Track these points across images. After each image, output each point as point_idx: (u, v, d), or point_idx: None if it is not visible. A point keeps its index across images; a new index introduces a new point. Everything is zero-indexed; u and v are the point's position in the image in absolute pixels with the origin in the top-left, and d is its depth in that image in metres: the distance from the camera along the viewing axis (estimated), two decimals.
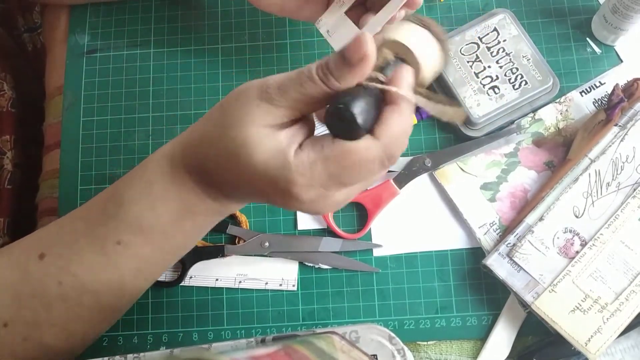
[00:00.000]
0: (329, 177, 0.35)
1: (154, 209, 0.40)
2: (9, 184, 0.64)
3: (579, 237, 0.51)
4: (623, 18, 0.55)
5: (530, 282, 0.50)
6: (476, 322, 0.53)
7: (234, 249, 0.55)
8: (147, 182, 0.41)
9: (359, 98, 0.34)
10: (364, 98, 0.34)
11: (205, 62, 0.61)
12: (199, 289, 0.55)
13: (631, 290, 0.49)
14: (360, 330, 0.40)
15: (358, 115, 0.33)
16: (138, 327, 0.54)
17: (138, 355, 0.39)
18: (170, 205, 0.40)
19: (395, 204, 0.55)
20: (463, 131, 0.56)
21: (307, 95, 0.35)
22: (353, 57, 0.34)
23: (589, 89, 0.57)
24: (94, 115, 0.60)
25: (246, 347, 0.38)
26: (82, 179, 0.58)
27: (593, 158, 0.52)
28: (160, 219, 0.41)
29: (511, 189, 0.55)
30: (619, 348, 0.51)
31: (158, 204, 0.40)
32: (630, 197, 0.51)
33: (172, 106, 0.60)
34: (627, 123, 0.52)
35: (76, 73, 0.61)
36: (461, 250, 0.55)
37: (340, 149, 0.34)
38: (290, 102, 0.35)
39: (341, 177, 0.35)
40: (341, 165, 0.35)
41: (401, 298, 0.54)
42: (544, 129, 0.56)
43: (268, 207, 0.57)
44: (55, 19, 0.64)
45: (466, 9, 0.61)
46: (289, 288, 0.55)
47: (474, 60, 0.56)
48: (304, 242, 0.55)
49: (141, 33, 0.62)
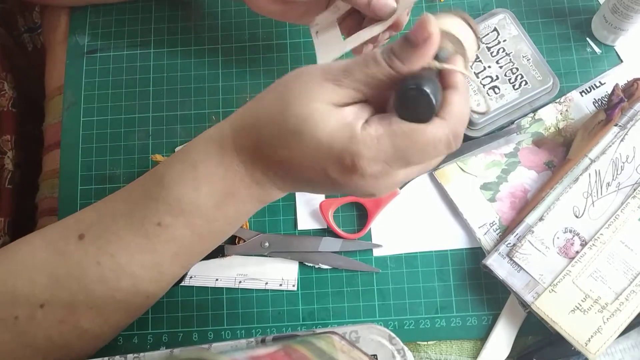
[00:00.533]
0: (395, 152, 0.35)
1: (197, 190, 0.40)
2: (9, 183, 0.64)
3: (579, 237, 0.51)
4: (623, 18, 0.55)
5: (530, 282, 0.50)
6: (476, 322, 0.53)
7: (234, 249, 0.55)
8: (192, 163, 0.40)
9: (429, 79, 0.34)
10: (432, 79, 0.34)
11: (205, 62, 0.61)
12: (199, 289, 0.55)
13: (631, 291, 0.49)
14: (360, 331, 0.40)
15: (432, 95, 0.33)
16: (138, 327, 0.54)
17: (138, 356, 0.39)
18: (214, 187, 0.40)
19: (395, 204, 0.55)
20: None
21: (372, 77, 0.35)
22: (418, 38, 0.34)
23: (589, 89, 0.57)
24: (94, 115, 0.60)
25: (246, 347, 0.38)
26: (82, 179, 0.58)
27: (593, 158, 0.52)
28: (202, 201, 0.40)
29: (511, 189, 0.55)
30: (619, 348, 0.51)
31: (201, 185, 0.40)
32: (630, 197, 0.51)
33: (172, 106, 0.60)
34: (627, 123, 0.52)
35: (76, 73, 0.61)
36: (461, 250, 0.55)
37: (409, 127, 0.35)
38: (354, 84, 0.35)
39: (407, 154, 0.35)
40: (410, 142, 0.35)
41: (401, 298, 0.54)
42: (544, 129, 0.56)
43: (268, 207, 0.57)
44: (55, 19, 0.64)
45: (466, 9, 0.61)
46: (289, 288, 0.55)
47: (474, 60, 0.56)
48: (304, 242, 0.55)
49: (141, 33, 0.62)
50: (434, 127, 0.35)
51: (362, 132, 0.35)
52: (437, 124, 0.35)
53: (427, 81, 0.34)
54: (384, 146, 0.35)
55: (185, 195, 0.40)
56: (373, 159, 0.35)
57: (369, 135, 0.35)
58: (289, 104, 0.36)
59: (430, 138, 0.35)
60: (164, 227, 0.41)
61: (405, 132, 0.35)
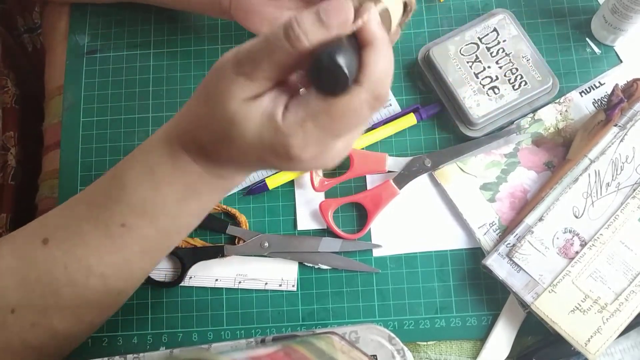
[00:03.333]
0: (322, 132, 0.35)
1: (158, 191, 0.40)
2: (12, 179, 0.64)
3: (579, 238, 0.51)
4: (622, 18, 0.55)
5: (529, 282, 0.50)
6: (476, 323, 0.53)
7: (233, 249, 0.55)
8: (149, 165, 0.40)
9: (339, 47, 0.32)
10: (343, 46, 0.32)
11: (205, 63, 0.61)
12: (199, 289, 0.55)
13: (631, 291, 0.49)
14: (360, 331, 0.40)
15: (344, 66, 0.32)
16: (138, 328, 0.54)
17: (138, 356, 0.39)
18: (174, 187, 0.40)
19: (394, 204, 0.56)
20: (463, 131, 0.56)
21: (280, 63, 0.34)
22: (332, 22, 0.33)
23: (589, 89, 0.57)
24: (93, 115, 0.60)
25: (246, 348, 0.38)
26: (82, 179, 0.58)
27: (593, 158, 0.52)
28: (165, 200, 0.40)
29: (511, 189, 0.55)
30: (619, 348, 0.51)
31: (162, 186, 0.40)
32: (630, 198, 0.51)
33: (171, 107, 0.60)
34: (626, 123, 0.52)
35: (76, 73, 0.61)
36: (461, 251, 0.55)
37: (326, 102, 0.34)
38: (264, 74, 0.34)
39: (334, 129, 0.35)
40: (331, 118, 0.34)
41: (401, 298, 0.54)
42: (544, 129, 0.56)
43: (268, 207, 0.57)
44: (55, 19, 0.64)
45: (466, 9, 0.61)
46: (289, 288, 0.55)
47: (474, 61, 0.56)
48: (303, 243, 0.55)
49: (141, 34, 0.62)
50: (351, 97, 0.33)
51: (284, 122, 0.34)
52: (355, 91, 0.33)
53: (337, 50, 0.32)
54: (309, 129, 0.34)
55: (146, 196, 0.40)
56: (303, 145, 0.35)
57: (292, 124, 0.34)
58: (212, 108, 0.36)
59: (351, 107, 0.34)
60: (129, 228, 0.41)
61: (325, 109, 0.34)
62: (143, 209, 0.41)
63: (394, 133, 0.57)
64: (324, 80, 0.33)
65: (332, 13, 0.33)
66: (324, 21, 0.33)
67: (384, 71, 0.34)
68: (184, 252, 0.55)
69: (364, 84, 0.33)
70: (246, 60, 0.34)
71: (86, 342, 0.54)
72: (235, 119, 0.35)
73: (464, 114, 0.55)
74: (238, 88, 0.35)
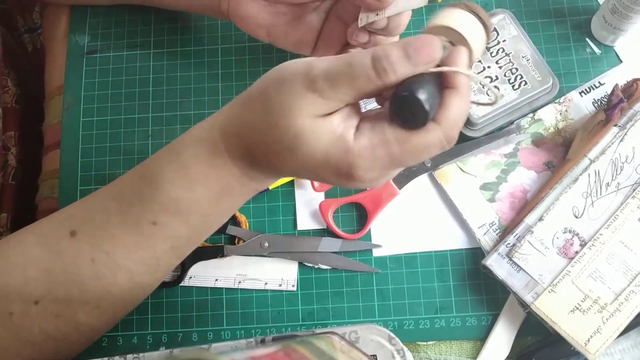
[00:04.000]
0: (390, 159, 0.35)
1: (192, 190, 0.40)
2: (12, 179, 0.64)
3: (579, 238, 0.51)
4: (622, 18, 0.55)
5: (529, 282, 0.50)
6: (476, 323, 0.53)
7: (233, 249, 0.55)
8: (184, 164, 0.40)
9: (424, 85, 0.33)
10: (428, 84, 0.33)
11: (205, 63, 0.61)
12: (199, 289, 0.55)
13: (630, 291, 0.49)
14: (359, 331, 0.40)
15: (425, 103, 0.33)
16: (137, 328, 0.54)
17: (137, 356, 0.39)
18: (209, 187, 0.40)
19: (394, 204, 0.56)
20: (462, 131, 0.56)
21: (360, 90, 0.34)
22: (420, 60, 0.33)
23: (589, 89, 0.57)
24: (93, 115, 0.60)
25: (246, 348, 0.38)
26: (82, 179, 0.58)
27: (592, 158, 0.52)
28: (198, 200, 0.40)
29: (511, 189, 0.55)
30: (619, 348, 0.51)
31: (196, 186, 0.40)
32: (629, 198, 0.51)
33: (171, 107, 0.60)
34: (626, 123, 0.52)
35: (76, 73, 0.61)
36: (461, 251, 0.55)
37: (402, 135, 0.35)
38: (340, 96, 0.35)
39: (402, 159, 0.36)
40: (403, 149, 0.35)
41: (401, 298, 0.54)
42: (544, 129, 0.56)
43: (268, 207, 0.57)
44: (55, 19, 0.64)
45: None
46: (289, 288, 0.55)
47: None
48: (303, 243, 0.55)
49: (141, 34, 0.62)
50: (428, 134, 0.34)
51: (356, 144, 0.35)
52: (430, 129, 0.34)
53: (422, 87, 0.33)
54: (379, 155, 0.35)
55: (180, 195, 0.40)
56: (369, 168, 0.36)
57: (364, 147, 0.35)
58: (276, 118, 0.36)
59: (423, 144, 0.35)
60: (160, 226, 0.41)
61: (399, 140, 0.35)
62: (176, 208, 0.40)
63: None
64: (405, 113, 0.34)
65: (421, 51, 0.33)
66: (412, 57, 0.33)
67: (462, 115, 0.35)
68: None
69: (441, 124, 0.34)
70: (323, 80, 0.34)
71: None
72: (303, 133, 0.35)
73: None
74: (309, 104, 0.35)
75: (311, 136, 0.35)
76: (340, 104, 0.35)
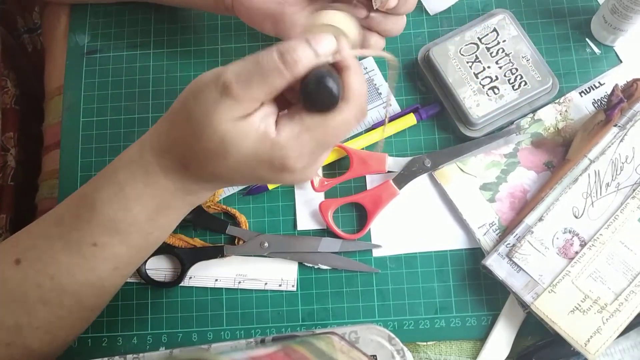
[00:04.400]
0: (316, 143, 0.38)
1: (129, 210, 0.41)
2: (12, 180, 0.64)
3: (579, 238, 0.51)
4: (622, 18, 0.55)
5: (529, 282, 0.50)
6: (475, 323, 0.53)
7: (233, 249, 0.55)
8: (119, 185, 0.41)
9: (326, 71, 0.37)
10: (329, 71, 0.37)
11: (204, 63, 0.61)
12: (199, 290, 0.55)
13: (630, 291, 0.49)
14: (359, 331, 0.40)
15: (333, 87, 0.37)
16: (137, 328, 0.54)
17: (137, 356, 0.39)
18: (145, 205, 0.41)
19: (394, 205, 0.56)
20: (462, 131, 0.56)
21: (272, 86, 0.36)
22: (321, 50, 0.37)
23: (589, 89, 0.57)
24: (93, 115, 0.60)
25: (246, 348, 0.38)
26: (82, 179, 0.58)
27: (592, 158, 0.52)
28: (136, 219, 0.41)
29: (510, 189, 0.55)
30: (619, 348, 0.51)
31: (132, 205, 0.41)
32: (629, 198, 0.51)
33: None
34: (626, 123, 0.52)
35: (76, 74, 0.61)
36: (460, 251, 0.55)
37: (321, 118, 0.38)
38: (253, 95, 0.36)
39: (326, 141, 0.39)
40: (325, 131, 0.38)
41: (400, 298, 0.54)
42: (544, 129, 0.56)
43: (268, 207, 0.57)
44: (55, 19, 0.64)
45: (466, 9, 0.61)
46: (289, 288, 0.55)
47: (474, 61, 0.56)
48: (303, 243, 0.55)
49: (141, 34, 0.62)
50: (342, 112, 0.38)
51: (280, 137, 0.37)
52: (344, 108, 0.38)
53: (325, 73, 0.37)
54: (304, 142, 0.38)
55: (117, 215, 0.41)
56: (299, 156, 0.38)
57: (288, 137, 0.37)
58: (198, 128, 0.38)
59: (341, 122, 0.38)
60: (101, 247, 0.42)
61: (319, 123, 0.37)
62: (114, 228, 0.41)
63: (394, 133, 0.57)
64: (318, 100, 0.37)
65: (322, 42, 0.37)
66: (315, 49, 0.37)
67: (362, 88, 0.39)
68: (184, 252, 0.55)
69: (350, 100, 0.38)
70: (235, 83, 0.36)
71: (86, 342, 0.54)
72: (228, 138, 0.37)
73: (463, 114, 0.55)
74: (227, 109, 0.36)
75: (237, 138, 0.37)
76: (256, 103, 0.37)
